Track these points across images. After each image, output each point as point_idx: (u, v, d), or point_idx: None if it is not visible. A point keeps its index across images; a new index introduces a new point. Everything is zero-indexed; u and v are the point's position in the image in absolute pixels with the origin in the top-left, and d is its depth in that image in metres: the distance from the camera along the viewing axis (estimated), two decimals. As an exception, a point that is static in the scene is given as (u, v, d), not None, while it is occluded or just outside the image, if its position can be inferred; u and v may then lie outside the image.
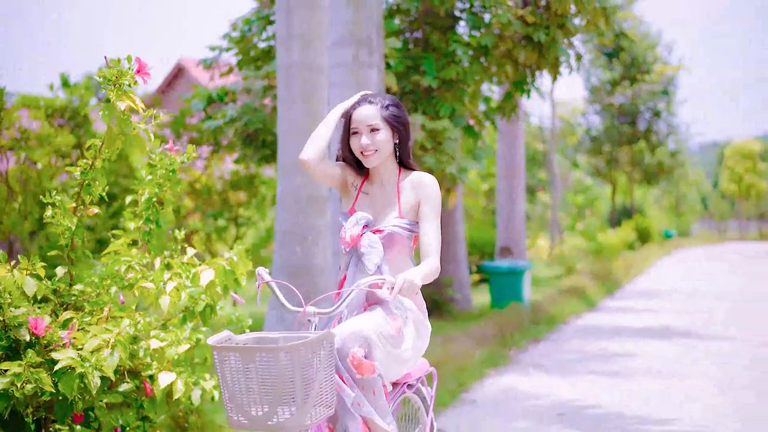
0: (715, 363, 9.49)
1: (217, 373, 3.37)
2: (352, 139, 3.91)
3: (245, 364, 3.25)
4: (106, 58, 4.74)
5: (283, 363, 3.20)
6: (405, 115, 3.94)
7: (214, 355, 3.31)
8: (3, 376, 4.19)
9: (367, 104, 3.90)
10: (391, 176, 3.96)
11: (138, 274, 5.06)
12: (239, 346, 3.25)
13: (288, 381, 3.22)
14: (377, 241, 3.82)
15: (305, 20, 7.88)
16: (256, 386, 3.26)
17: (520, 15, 10.71)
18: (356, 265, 3.88)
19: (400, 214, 3.87)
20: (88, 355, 4.35)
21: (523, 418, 7.09)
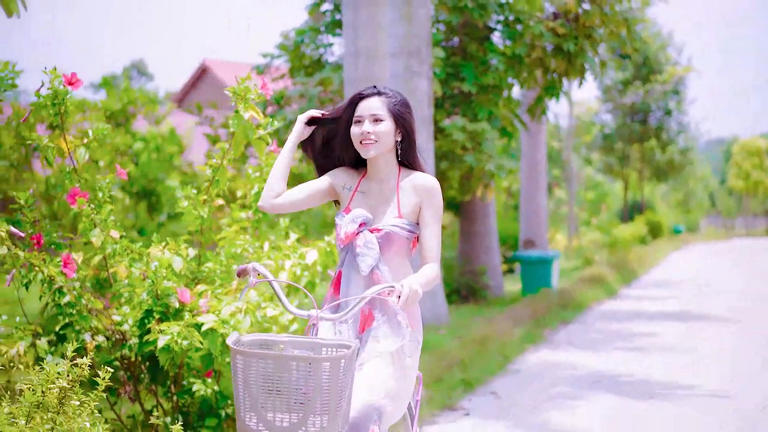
0: (728, 341, 10.40)
1: (236, 379, 3.12)
2: (353, 128, 3.68)
3: (278, 372, 3.04)
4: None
5: (325, 373, 3.02)
6: (411, 113, 3.75)
7: (237, 359, 3.10)
8: (165, 333, 5.14)
9: (375, 95, 3.71)
10: (390, 175, 3.74)
11: (253, 255, 5.99)
12: (273, 353, 3.05)
13: (325, 391, 3.04)
14: (374, 242, 3.63)
15: (369, 38, 8.79)
16: (288, 395, 3.06)
17: (551, 27, 11.62)
18: (351, 265, 3.67)
19: (399, 213, 3.67)
20: (227, 318, 5.29)
21: (562, 384, 8.01)
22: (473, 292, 13.59)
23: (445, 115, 12.04)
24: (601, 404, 7.23)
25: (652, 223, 36.42)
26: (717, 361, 9.05)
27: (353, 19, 8.84)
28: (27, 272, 5.49)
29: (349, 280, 3.68)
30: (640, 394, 7.58)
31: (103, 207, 5.66)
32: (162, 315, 5.44)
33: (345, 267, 3.70)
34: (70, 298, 5.50)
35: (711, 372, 8.47)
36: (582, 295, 14.32)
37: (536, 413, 6.92)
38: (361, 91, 3.76)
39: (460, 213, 14.30)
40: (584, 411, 6.99)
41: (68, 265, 5.43)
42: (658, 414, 6.89)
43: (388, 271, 3.64)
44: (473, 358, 8.43)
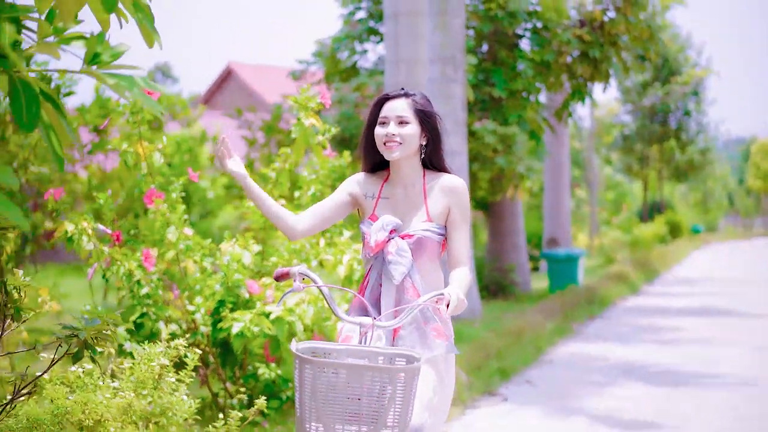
0: (752, 333, 10.81)
1: (303, 388, 2.96)
2: (377, 129, 3.54)
3: (351, 382, 2.91)
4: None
5: (400, 384, 2.92)
6: (436, 117, 3.59)
7: (306, 369, 2.94)
8: (238, 321, 5.63)
9: (402, 97, 3.57)
10: (415, 178, 3.60)
11: (311, 251, 6.47)
12: (346, 363, 2.93)
13: (399, 403, 2.94)
14: (406, 248, 3.46)
15: (409, 47, 9.27)
16: (359, 406, 2.93)
17: (578, 34, 12.06)
18: (381, 273, 3.49)
19: (428, 217, 3.54)
20: (293, 307, 5.78)
21: (592, 374, 8.46)
22: (502, 289, 14.05)
23: (476, 119, 12.50)
24: (630, 391, 7.67)
25: (672, 222, 36.68)
26: (741, 353, 9.48)
27: (394, 29, 9.31)
28: (110, 266, 6.00)
29: (378, 289, 3.49)
30: (668, 382, 8.02)
31: (176, 207, 6.16)
32: (233, 305, 5.94)
33: (372, 276, 3.52)
34: (148, 290, 6.00)
35: (735, 362, 8.90)
36: (607, 291, 14.73)
37: (569, 399, 7.37)
38: (388, 92, 3.61)
39: (489, 213, 14.77)
40: (614, 398, 7.43)
41: (148, 260, 5.93)
42: (686, 400, 7.33)
43: (420, 278, 3.49)
44: (508, 348, 8.88)
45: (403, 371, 2.93)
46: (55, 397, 4.15)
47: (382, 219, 3.50)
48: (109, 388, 4.36)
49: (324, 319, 6.28)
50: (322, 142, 6.39)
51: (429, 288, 3.50)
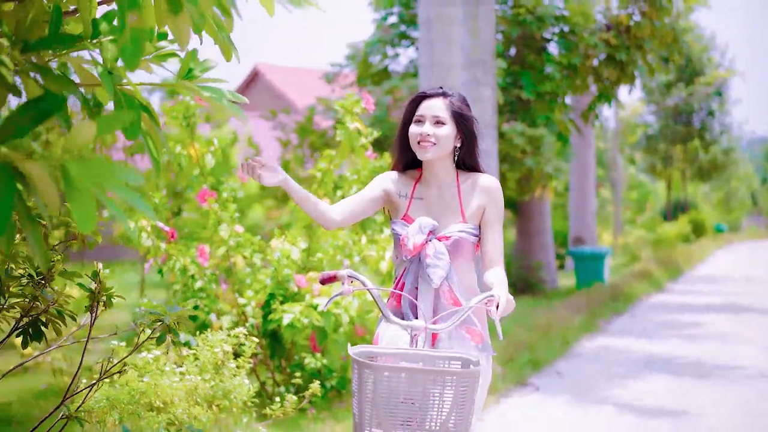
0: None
1: (362, 393, 2.88)
2: (412, 127, 3.48)
3: (413, 387, 2.84)
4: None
5: (463, 388, 2.85)
6: (473, 119, 3.53)
7: (365, 373, 2.87)
8: (288, 312, 5.97)
9: (440, 96, 3.50)
10: (449, 179, 3.54)
11: (354, 248, 6.79)
12: (409, 367, 2.85)
13: (461, 407, 2.86)
14: (444, 251, 3.41)
15: (443, 52, 9.57)
16: (422, 411, 2.86)
17: (604, 38, 12.32)
18: (419, 275, 3.44)
19: (463, 218, 3.48)
20: (339, 300, 6.11)
21: (619, 366, 8.73)
22: (530, 286, 14.37)
23: (505, 121, 12.79)
24: (656, 383, 7.95)
25: (696, 222, 36.75)
26: (761, 348, 9.71)
27: (428, 35, 9.61)
28: (165, 262, 6.35)
29: (414, 292, 3.44)
30: (692, 374, 8.28)
31: (227, 205, 6.50)
32: (283, 297, 6.28)
33: (408, 278, 3.46)
34: (202, 284, 6.35)
35: (759, 356, 9.15)
36: (631, 288, 14.98)
37: (596, 390, 7.65)
38: (426, 90, 3.55)
39: (518, 212, 15.07)
40: (640, 388, 7.71)
41: (202, 255, 6.28)
42: (710, 391, 7.60)
43: (458, 280, 3.45)
44: (539, 342, 9.17)
45: (467, 375, 2.84)
46: (129, 380, 4.50)
47: (418, 221, 3.43)
48: (175, 373, 4.70)
49: (367, 312, 6.60)
50: (365, 144, 6.72)
51: (465, 290, 3.47)
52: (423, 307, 3.40)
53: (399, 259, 3.54)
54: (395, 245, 3.57)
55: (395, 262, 3.60)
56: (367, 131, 6.65)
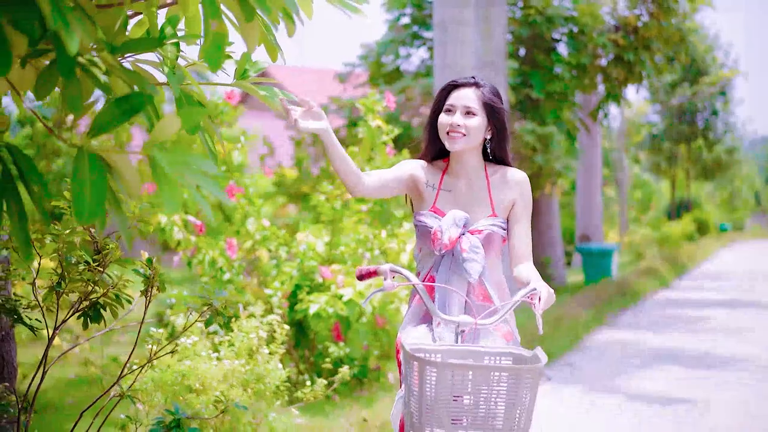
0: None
1: (422, 391, 2.77)
2: (442, 116, 3.40)
3: (478, 384, 2.75)
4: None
5: (527, 385, 2.75)
6: (504, 111, 3.43)
7: (427, 371, 2.75)
8: (314, 303, 6.21)
9: (472, 86, 3.40)
10: (477, 171, 3.45)
11: (376, 240, 7.03)
12: (473, 364, 2.78)
13: (525, 405, 2.77)
14: (479, 245, 3.32)
15: (456, 53, 9.81)
16: (485, 409, 2.77)
17: (613, 39, 12.56)
18: (452, 270, 3.33)
19: (493, 212, 3.41)
20: (363, 290, 6.35)
21: (628, 358, 8.97)
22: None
23: (515, 120, 13.03)
24: (664, 373, 8.18)
25: (700, 220, 36.94)
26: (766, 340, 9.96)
27: (442, 37, 9.85)
28: (195, 254, 6.59)
29: (450, 289, 3.31)
30: (700, 365, 8.52)
31: (254, 201, 6.75)
32: (309, 288, 6.52)
33: (440, 272, 3.35)
34: (230, 276, 6.59)
35: (763, 348, 9.38)
36: (638, 285, 15.21)
37: (607, 380, 7.89)
38: (457, 79, 3.45)
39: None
40: (649, 379, 7.95)
41: (231, 248, 6.52)
42: (717, 380, 7.84)
43: (489, 274, 3.38)
44: (550, 335, 9.41)
45: (533, 371, 2.74)
46: (170, 364, 4.74)
47: (452, 213, 3.33)
48: (211, 358, 4.95)
49: (389, 302, 6.84)
50: (386, 141, 6.96)
51: (495, 285, 3.40)
52: (455, 302, 3.29)
53: (424, 252, 3.44)
54: (422, 238, 3.44)
55: (418, 256, 3.50)
56: (387, 129, 6.89)
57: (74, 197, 2.12)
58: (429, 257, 3.43)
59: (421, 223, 3.43)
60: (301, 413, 5.68)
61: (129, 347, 8.75)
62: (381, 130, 6.78)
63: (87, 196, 2.13)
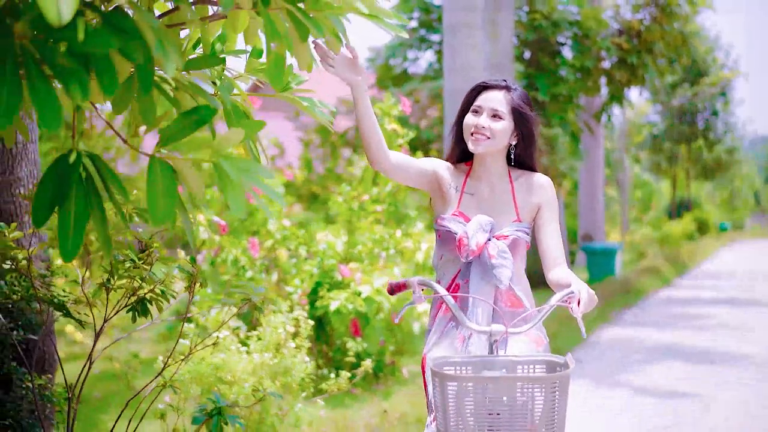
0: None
1: (447, 407, 2.73)
2: (468, 117, 3.31)
3: (502, 395, 2.72)
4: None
5: (554, 393, 2.71)
6: (533, 118, 3.34)
7: (448, 386, 2.72)
8: (335, 299, 6.45)
9: (502, 89, 3.31)
10: (501, 175, 3.36)
11: (391, 240, 7.28)
12: (493, 375, 2.74)
13: (556, 413, 2.73)
14: (507, 250, 3.22)
15: (465, 57, 10.05)
16: (512, 421, 2.73)
17: (617, 42, 12.81)
18: (481, 277, 3.22)
19: (518, 217, 3.32)
20: (380, 288, 6.59)
21: (633, 353, 9.22)
22: (544, 280, 14.84)
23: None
24: (668, 368, 8.43)
25: (700, 220, 37.19)
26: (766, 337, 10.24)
27: (452, 40, 10.09)
28: (218, 254, 6.83)
29: (477, 294, 3.22)
30: (702, 361, 8.77)
31: (274, 202, 6.99)
32: (329, 286, 6.76)
33: (472, 280, 3.24)
34: (252, 274, 6.83)
35: (763, 345, 9.62)
36: (641, 283, 15.46)
37: (614, 375, 8.13)
38: (488, 80, 3.38)
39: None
40: (654, 373, 8.20)
41: (254, 248, 6.76)
42: (719, 375, 8.08)
43: (517, 280, 3.31)
44: (557, 331, 9.65)
45: (557, 379, 2.70)
46: (204, 357, 4.99)
47: (477, 219, 3.24)
48: (240, 351, 5.20)
49: (405, 299, 7.08)
50: (402, 144, 7.20)
51: (523, 290, 3.34)
52: (481, 311, 3.19)
53: (446, 258, 3.34)
54: (445, 243, 3.34)
55: (439, 262, 3.38)
56: (403, 132, 7.13)
57: (149, 201, 2.34)
58: (452, 264, 3.32)
59: (444, 228, 3.32)
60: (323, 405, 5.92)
61: (149, 344, 9.00)
62: (396, 133, 7.01)
63: (160, 200, 2.36)
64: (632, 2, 13.35)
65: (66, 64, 1.80)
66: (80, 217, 2.26)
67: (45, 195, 2.20)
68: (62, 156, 2.26)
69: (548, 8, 13.21)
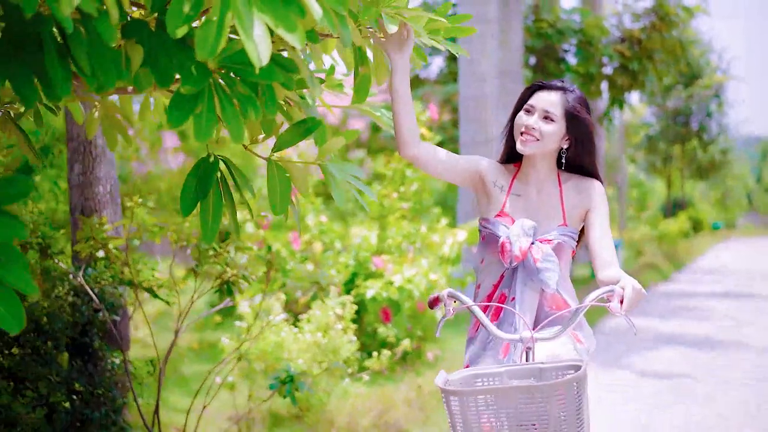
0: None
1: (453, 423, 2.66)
2: (519, 115, 3.20)
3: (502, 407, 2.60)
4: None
5: (559, 401, 2.59)
6: (588, 122, 3.21)
7: (452, 401, 2.64)
8: (370, 288, 7.02)
9: (558, 90, 3.19)
10: (549, 178, 3.25)
11: (416, 235, 7.84)
12: (493, 387, 2.62)
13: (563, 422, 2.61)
14: (552, 254, 3.11)
15: (478, 64, 10.62)
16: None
17: (619, 50, 13.40)
18: (525, 283, 3.12)
19: (564, 221, 3.20)
20: (410, 277, 7.16)
21: (638, 341, 9.80)
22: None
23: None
24: (671, 354, 9.02)
25: (694, 219, 37.79)
26: (763, 325, 10.81)
27: (467, 49, 10.65)
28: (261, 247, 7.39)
29: (522, 302, 3.11)
30: (704, 347, 9.36)
31: (312, 198, 7.56)
32: (365, 276, 7.33)
33: (517, 287, 3.13)
34: (293, 266, 7.38)
35: (760, 333, 10.23)
36: (641, 278, 16.03)
37: (619, 359, 8.72)
38: (543, 80, 3.28)
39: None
40: (658, 359, 8.79)
41: (296, 241, 7.32)
42: (720, 360, 8.68)
43: (563, 284, 3.21)
44: (566, 321, 10.25)
45: (558, 386, 2.57)
46: (264, 337, 5.56)
47: (519, 223, 3.13)
48: (293, 333, 5.77)
49: (432, 289, 7.66)
50: (428, 147, 7.74)
51: (569, 294, 3.25)
52: (527, 317, 3.08)
53: (489, 262, 3.24)
54: (488, 246, 3.25)
55: (480, 266, 3.29)
56: (430, 135, 7.69)
57: (270, 195, 2.88)
58: (495, 268, 3.21)
59: (488, 230, 3.23)
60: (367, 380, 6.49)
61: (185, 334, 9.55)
62: (424, 138, 7.57)
63: (278, 195, 2.90)
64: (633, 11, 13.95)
65: (243, 91, 2.37)
66: (217, 207, 2.81)
67: (190, 190, 2.72)
68: (202, 159, 2.80)
69: (553, 17, 13.79)
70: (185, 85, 2.24)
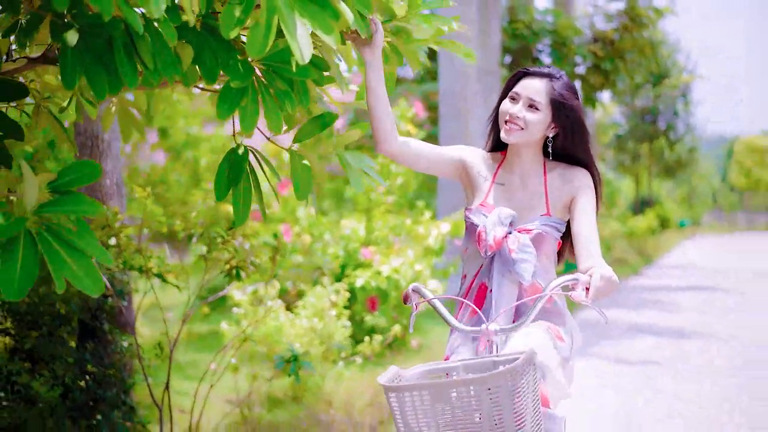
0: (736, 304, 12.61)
1: (395, 420, 2.57)
2: (504, 103, 3.11)
3: (438, 404, 2.51)
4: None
5: (493, 395, 2.47)
6: (576, 108, 3.09)
7: (390, 397, 2.53)
8: (360, 278, 7.30)
9: (543, 77, 3.08)
10: (534, 167, 3.14)
11: (403, 227, 8.12)
12: (429, 383, 2.51)
13: (497, 413, 2.49)
14: (529, 244, 2.98)
15: (461, 63, 10.93)
16: (454, 429, 2.52)
17: (592, 50, 13.79)
18: (502, 274, 3.01)
19: (547, 210, 3.08)
20: (397, 267, 7.45)
21: (610, 330, 10.18)
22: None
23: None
24: (644, 343, 9.39)
25: (662, 216, 38.40)
26: (729, 317, 11.26)
27: (448, 48, 10.97)
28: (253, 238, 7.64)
29: (501, 293, 3.02)
30: (675, 336, 9.76)
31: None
32: (354, 266, 7.61)
33: (493, 278, 3.03)
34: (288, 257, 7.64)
35: (726, 323, 10.66)
36: (613, 272, 16.48)
37: (591, 348, 9.07)
38: (530, 67, 3.14)
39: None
40: (628, 346, 9.17)
41: (287, 233, 7.58)
42: (691, 347, 9.06)
43: (544, 276, 3.05)
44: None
45: (492, 378, 2.45)
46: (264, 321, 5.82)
47: (497, 212, 3.03)
48: (289, 318, 6.03)
49: (416, 279, 7.95)
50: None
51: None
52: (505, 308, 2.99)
53: (470, 251, 3.16)
54: (469, 236, 3.17)
55: (464, 255, 3.21)
56: (415, 132, 7.98)
57: (294, 182, 3.14)
58: (476, 258, 3.12)
59: (469, 220, 3.15)
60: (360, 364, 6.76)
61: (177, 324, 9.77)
62: (410, 135, 7.87)
63: (300, 182, 3.16)
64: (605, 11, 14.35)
65: (281, 87, 2.64)
66: (247, 193, 3.06)
67: (222, 177, 2.97)
68: (233, 149, 3.06)
69: (528, 18, 14.14)
70: (233, 80, 2.51)
